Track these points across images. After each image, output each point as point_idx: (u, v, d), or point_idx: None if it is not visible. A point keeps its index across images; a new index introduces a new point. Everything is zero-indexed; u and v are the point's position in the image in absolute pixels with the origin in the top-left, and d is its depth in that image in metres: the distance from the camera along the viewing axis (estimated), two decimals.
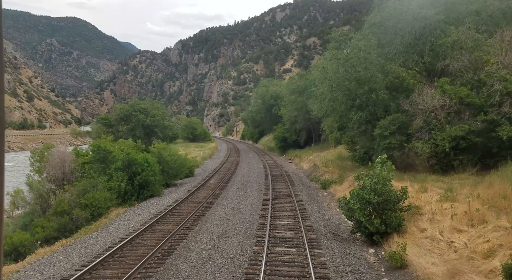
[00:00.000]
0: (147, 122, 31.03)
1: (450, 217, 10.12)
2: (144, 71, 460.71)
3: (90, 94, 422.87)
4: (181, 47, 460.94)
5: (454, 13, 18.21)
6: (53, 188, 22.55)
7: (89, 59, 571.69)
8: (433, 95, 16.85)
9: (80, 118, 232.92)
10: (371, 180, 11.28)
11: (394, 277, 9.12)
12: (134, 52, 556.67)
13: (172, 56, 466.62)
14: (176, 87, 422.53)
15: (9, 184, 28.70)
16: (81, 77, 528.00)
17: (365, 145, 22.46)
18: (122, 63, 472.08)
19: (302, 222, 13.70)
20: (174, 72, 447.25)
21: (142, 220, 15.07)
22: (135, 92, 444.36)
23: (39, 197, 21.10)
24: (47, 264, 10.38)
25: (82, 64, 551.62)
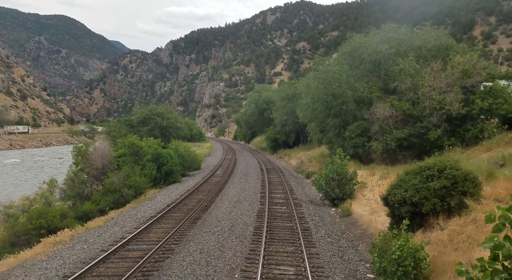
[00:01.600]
0: (163, 124, 37.34)
1: (379, 187, 16.71)
2: (135, 71, 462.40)
3: (80, 93, 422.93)
4: (172, 48, 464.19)
5: (402, 47, 24.98)
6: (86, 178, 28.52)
7: (78, 58, 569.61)
8: (385, 108, 23.54)
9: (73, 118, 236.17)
10: (333, 165, 17.83)
11: (343, 219, 15.65)
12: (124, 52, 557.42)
13: (163, 57, 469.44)
14: (167, 87, 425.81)
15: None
16: (70, 76, 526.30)
17: (340, 144, 29.06)
18: (112, 63, 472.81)
19: (290, 195, 20.18)
20: (165, 73, 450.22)
21: (177, 195, 21.33)
22: (125, 92, 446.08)
23: (81, 183, 27.23)
24: (131, 215, 16.60)
25: (71, 62, 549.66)
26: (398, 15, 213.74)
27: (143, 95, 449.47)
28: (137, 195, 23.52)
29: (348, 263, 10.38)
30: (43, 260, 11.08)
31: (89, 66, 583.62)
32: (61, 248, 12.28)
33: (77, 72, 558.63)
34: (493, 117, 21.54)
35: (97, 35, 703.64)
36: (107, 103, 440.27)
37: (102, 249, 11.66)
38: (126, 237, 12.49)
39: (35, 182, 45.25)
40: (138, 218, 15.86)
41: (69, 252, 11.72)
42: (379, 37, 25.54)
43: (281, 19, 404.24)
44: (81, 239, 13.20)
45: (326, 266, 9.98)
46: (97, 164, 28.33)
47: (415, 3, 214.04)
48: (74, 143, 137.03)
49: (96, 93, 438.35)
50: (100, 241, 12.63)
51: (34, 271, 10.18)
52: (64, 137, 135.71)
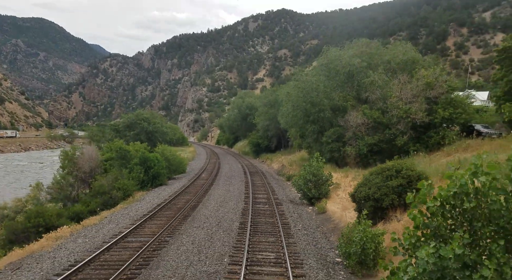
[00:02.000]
0: (150, 129, 38.57)
1: (351, 187, 18.64)
2: (115, 75, 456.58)
3: (58, 97, 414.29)
4: (153, 52, 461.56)
5: (373, 61, 27.30)
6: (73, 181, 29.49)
7: (57, 61, 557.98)
8: (358, 116, 25.68)
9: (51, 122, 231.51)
10: (310, 168, 19.69)
11: (319, 216, 17.47)
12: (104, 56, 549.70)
13: (144, 61, 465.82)
14: (149, 91, 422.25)
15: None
16: (48, 79, 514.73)
17: (318, 148, 31.06)
18: (92, 66, 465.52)
19: (272, 195, 21.89)
20: (146, 77, 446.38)
21: (166, 196, 22.70)
22: (105, 96, 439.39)
23: (69, 186, 28.24)
24: (123, 214, 17.91)
25: (49, 66, 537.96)
26: (375, 25, 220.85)
27: (124, 99, 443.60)
28: (126, 197, 24.69)
29: (320, 250, 12.14)
30: (50, 251, 12.37)
31: (68, 70, 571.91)
32: (64, 241, 13.56)
33: (56, 75, 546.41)
34: (454, 126, 23.97)
35: (76, 39, 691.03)
36: (86, 108, 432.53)
37: (104, 241, 13.03)
38: (124, 232, 13.89)
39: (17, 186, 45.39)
40: (131, 216, 17.22)
41: (72, 244, 13.03)
42: (352, 51, 27.80)
43: (262, 27, 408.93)
44: (81, 234, 14.48)
45: (301, 252, 11.71)
46: (84, 168, 29.31)
47: (391, 14, 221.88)
48: (54, 147, 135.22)
49: (75, 97, 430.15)
50: (100, 236, 13.97)
51: (44, 259, 11.48)
52: (43, 142, 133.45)
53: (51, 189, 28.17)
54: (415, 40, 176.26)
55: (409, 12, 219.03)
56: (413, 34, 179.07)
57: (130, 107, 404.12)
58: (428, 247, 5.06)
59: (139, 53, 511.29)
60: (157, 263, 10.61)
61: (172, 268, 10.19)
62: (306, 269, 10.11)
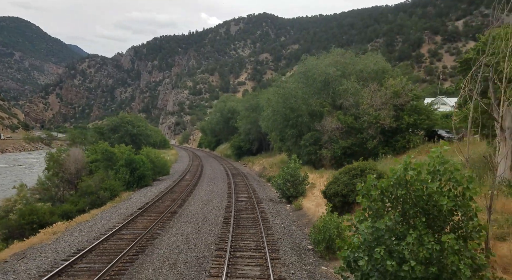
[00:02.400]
0: (134, 131, 39.53)
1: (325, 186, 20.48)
2: (94, 76, 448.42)
3: (34, 98, 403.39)
4: (133, 54, 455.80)
5: (347, 70, 29.44)
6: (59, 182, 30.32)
7: (33, 62, 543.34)
8: (333, 121, 27.70)
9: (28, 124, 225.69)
10: (288, 169, 21.45)
11: (295, 212, 19.21)
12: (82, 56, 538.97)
13: (124, 62, 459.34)
14: (128, 93, 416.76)
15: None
16: (24, 80, 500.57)
17: (296, 151, 32.93)
18: (70, 67, 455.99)
19: (253, 195, 23.51)
20: (126, 79, 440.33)
21: (153, 195, 23.96)
22: (83, 97, 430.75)
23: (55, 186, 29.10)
24: (113, 211, 19.13)
25: (24, 66, 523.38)
26: (353, 31, 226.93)
27: (102, 101, 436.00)
28: (113, 197, 25.74)
29: (295, 239, 13.85)
30: (50, 243, 13.56)
31: (45, 71, 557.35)
32: (61, 235, 14.74)
33: (32, 76, 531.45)
34: (419, 131, 26.30)
35: (54, 39, 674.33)
36: (63, 109, 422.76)
37: (101, 233, 14.32)
38: (118, 226, 15.20)
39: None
40: (121, 213, 18.47)
41: (70, 237, 14.25)
42: (328, 60, 29.90)
43: (244, 30, 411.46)
44: (76, 229, 15.68)
45: (278, 241, 13.38)
46: (71, 169, 30.14)
47: (369, 21, 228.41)
48: (31, 149, 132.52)
49: (52, 99, 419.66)
50: (95, 230, 15.22)
51: (46, 250, 12.69)
52: (20, 144, 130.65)
53: (35, 190, 28.94)
54: (391, 47, 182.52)
55: (386, 19, 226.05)
56: (390, 41, 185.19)
57: (109, 109, 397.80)
58: (367, 221, 6.84)
59: (118, 54, 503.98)
60: (152, 251, 12.04)
61: (165, 254, 11.65)
62: (281, 254, 11.78)
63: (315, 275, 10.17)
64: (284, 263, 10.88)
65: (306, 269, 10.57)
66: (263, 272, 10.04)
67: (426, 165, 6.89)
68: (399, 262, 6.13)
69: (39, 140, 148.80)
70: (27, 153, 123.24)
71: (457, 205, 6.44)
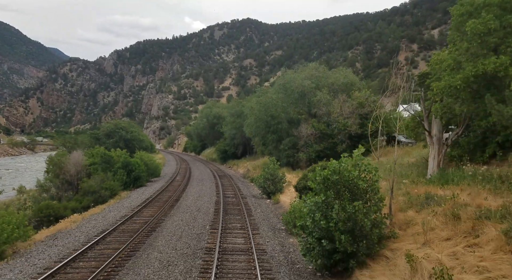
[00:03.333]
0: (128, 137, 42.61)
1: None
2: (75, 80, 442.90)
3: (14, 102, 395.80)
4: (116, 57, 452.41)
5: (320, 83, 33.53)
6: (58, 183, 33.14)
7: (12, 65, 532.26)
8: (308, 128, 31.65)
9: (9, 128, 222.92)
10: (268, 169, 25.20)
11: (274, 205, 22.93)
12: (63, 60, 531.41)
13: (106, 66, 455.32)
14: (111, 97, 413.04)
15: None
16: (2, 83, 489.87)
17: (277, 155, 36.75)
18: (51, 71, 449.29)
19: (238, 192, 27.12)
20: (108, 83, 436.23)
21: (150, 193, 27.26)
22: (64, 101, 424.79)
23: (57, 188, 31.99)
24: (119, 206, 22.40)
25: (3, 69, 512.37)
26: (335, 38, 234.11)
27: (85, 105, 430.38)
28: (113, 196, 28.87)
29: (271, 223, 17.54)
30: (74, 229, 16.81)
31: (24, 74, 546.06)
32: (80, 223, 17.97)
33: (11, 80, 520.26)
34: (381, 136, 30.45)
35: (33, 42, 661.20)
36: (44, 113, 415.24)
37: (116, 220, 17.66)
38: (128, 215, 18.55)
39: None
40: (127, 207, 21.79)
41: (89, 224, 17.52)
42: (304, 74, 33.95)
43: (228, 35, 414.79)
44: (91, 219, 18.92)
45: (258, 223, 17.04)
46: (71, 171, 33.04)
47: (349, 29, 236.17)
48: (15, 154, 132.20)
49: (32, 103, 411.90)
50: (109, 218, 18.52)
51: (74, 232, 15.96)
52: (4, 148, 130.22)
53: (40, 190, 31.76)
54: (370, 54, 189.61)
55: (366, 27, 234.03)
56: (369, 49, 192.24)
57: (91, 114, 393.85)
58: (310, 197, 10.62)
59: (100, 58, 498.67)
60: (161, 230, 15.51)
61: (172, 231, 15.15)
62: (260, 231, 15.45)
63: (284, 243, 13.88)
64: (262, 236, 14.57)
65: (278, 240, 14.28)
66: (246, 241, 13.68)
67: (351, 160, 10.73)
68: (329, 221, 9.89)
69: (23, 145, 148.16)
70: (11, 158, 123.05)
71: (368, 185, 10.30)
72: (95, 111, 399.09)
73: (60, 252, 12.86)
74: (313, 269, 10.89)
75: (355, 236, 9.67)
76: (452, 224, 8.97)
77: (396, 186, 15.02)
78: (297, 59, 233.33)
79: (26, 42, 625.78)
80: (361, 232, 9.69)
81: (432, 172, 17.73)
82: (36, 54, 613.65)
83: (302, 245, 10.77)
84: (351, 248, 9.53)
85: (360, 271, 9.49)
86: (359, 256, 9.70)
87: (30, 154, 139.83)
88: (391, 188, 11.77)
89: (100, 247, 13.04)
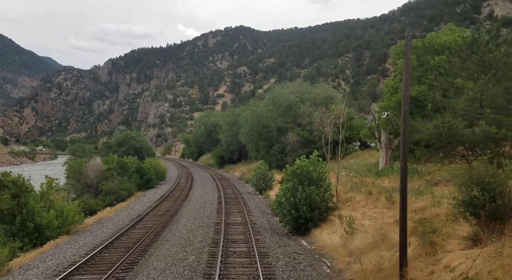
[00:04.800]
0: (137, 145, 48.21)
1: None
2: (70, 89, 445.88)
3: (8, 112, 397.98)
4: (111, 66, 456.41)
5: (304, 97, 39.43)
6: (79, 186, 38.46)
7: (5, 75, 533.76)
8: (294, 135, 37.46)
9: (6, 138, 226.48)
10: (259, 170, 30.94)
11: (265, 199, 28.61)
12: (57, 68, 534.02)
13: (101, 75, 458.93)
14: (106, 106, 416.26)
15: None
16: None
17: (268, 159, 42.46)
18: (45, 80, 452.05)
19: (236, 190, 32.78)
20: (103, 91, 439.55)
21: (161, 193, 32.78)
22: (59, 110, 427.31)
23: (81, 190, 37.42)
24: (140, 202, 27.92)
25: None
26: (326, 46, 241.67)
27: (80, 114, 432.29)
28: (130, 195, 34.34)
29: (261, 209, 23.22)
30: (113, 217, 22.27)
31: (18, 83, 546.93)
32: (115, 213, 23.44)
33: (4, 89, 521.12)
34: (355, 142, 36.38)
35: (27, 51, 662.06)
36: (39, 123, 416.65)
37: (143, 209, 23.20)
38: (152, 206, 24.11)
39: None
40: (148, 202, 27.33)
41: (123, 213, 23.00)
42: (290, 89, 39.87)
43: (222, 43, 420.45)
44: (123, 210, 24.39)
45: (252, 209, 22.72)
46: (90, 176, 38.49)
47: (339, 36, 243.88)
48: (17, 163, 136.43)
49: (27, 112, 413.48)
50: (138, 209, 24.02)
51: (114, 219, 21.43)
52: (6, 158, 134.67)
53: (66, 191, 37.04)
54: (359, 61, 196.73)
55: (356, 35, 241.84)
56: (358, 56, 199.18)
57: (86, 122, 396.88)
58: (285, 184, 16.39)
59: (95, 66, 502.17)
60: (180, 214, 21.12)
61: (189, 215, 20.77)
62: (253, 213, 21.15)
63: (270, 220, 19.57)
64: (254, 216, 20.26)
65: (265, 218, 19.99)
66: (243, 219, 19.37)
67: (308, 160, 16.51)
68: (295, 198, 15.61)
69: (23, 154, 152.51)
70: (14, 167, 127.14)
71: (319, 176, 16.08)
72: (90, 120, 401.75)
73: (114, 228, 18.42)
74: (286, 231, 16.62)
75: (311, 208, 15.40)
76: (367, 197, 14.71)
77: (349, 178, 20.87)
78: (290, 66, 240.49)
79: (19, 52, 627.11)
80: (315, 205, 15.43)
81: (381, 169, 23.54)
82: (30, 63, 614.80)
83: (279, 216, 16.49)
84: (309, 215, 15.25)
85: (315, 230, 15.21)
86: (314, 220, 15.44)
87: (31, 163, 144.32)
88: (337, 178, 17.59)
89: (143, 223, 18.66)
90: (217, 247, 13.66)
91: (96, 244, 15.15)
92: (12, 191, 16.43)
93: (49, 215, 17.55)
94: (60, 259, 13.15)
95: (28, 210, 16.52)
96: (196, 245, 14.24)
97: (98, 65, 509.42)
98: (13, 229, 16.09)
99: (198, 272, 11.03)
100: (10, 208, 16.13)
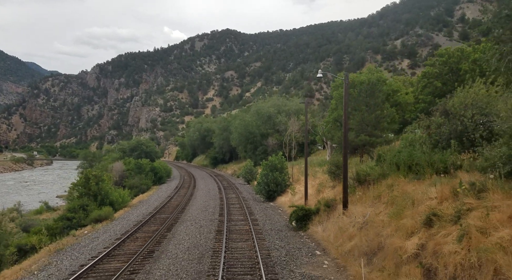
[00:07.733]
0: (147, 150, 58.75)
1: None
2: (58, 94, 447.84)
3: None
4: (98, 71, 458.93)
5: (281, 109, 50.46)
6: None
7: None
8: (273, 140, 48.51)
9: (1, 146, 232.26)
10: (247, 167, 41.92)
11: (251, 187, 39.56)
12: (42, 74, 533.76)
13: (89, 80, 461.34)
14: (95, 111, 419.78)
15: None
16: None
17: (254, 159, 53.35)
18: (32, 86, 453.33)
19: (230, 182, 43.62)
20: (92, 96, 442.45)
21: (173, 186, 43.33)
22: (48, 116, 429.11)
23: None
24: (157, 194, 38.51)
25: None
26: (309, 50, 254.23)
27: (69, 119, 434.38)
28: (148, 189, 44.80)
29: (249, 192, 34.12)
30: (148, 199, 32.75)
31: (3, 90, 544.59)
32: (149, 197, 33.88)
33: None
34: (317, 143, 47.58)
35: (11, 57, 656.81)
36: (28, 129, 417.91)
37: (163, 200, 33.79)
38: (174, 192, 34.71)
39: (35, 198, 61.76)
40: (167, 191, 37.92)
41: (155, 197, 33.48)
42: (270, 103, 51.00)
43: (209, 46, 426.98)
44: (153, 195, 34.86)
45: (243, 192, 33.60)
46: (115, 176, 48.80)
47: (322, 41, 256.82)
48: (18, 169, 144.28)
49: (15, 119, 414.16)
50: (163, 195, 34.52)
51: (151, 200, 31.95)
52: (8, 165, 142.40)
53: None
54: (340, 65, 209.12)
55: (337, 40, 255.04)
56: (339, 60, 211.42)
57: (76, 127, 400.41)
58: (262, 172, 27.49)
59: (83, 72, 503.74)
60: (191, 205, 31.65)
61: (198, 206, 31.43)
62: (243, 193, 32.07)
63: (253, 196, 30.50)
64: (243, 195, 31.18)
65: (251, 195, 30.93)
66: (236, 195, 30.27)
67: (277, 157, 27.63)
68: (268, 179, 26.59)
69: (23, 161, 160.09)
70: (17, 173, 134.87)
71: (281, 166, 27.19)
72: (80, 125, 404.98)
73: (156, 203, 29.08)
74: (262, 200, 27.59)
75: (276, 184, 26.34)
76: (310, 177, 25.79)
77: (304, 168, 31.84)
78: (275, 70, 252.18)
79: (4, 58, 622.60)
80: (279, 183, 26.39)
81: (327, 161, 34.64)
82: (14, 69, 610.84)
83: (258, 191, 27.50)
84: (275, 189, 26.26)
85: (279, 197, 26.21)
86: (278, 192, 26.43)
87: (30, 169, 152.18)
88: (292, 168, 28.66)
89: (173, 200, 29.43)
90: (223, 207, 24.55)
91: (151, 210, 25.81)
92: (95, 180, 26.96)
93: (114, 196, 28.15)
94: (137, 215, 23.80)
95: (105, 192, 27.10)
96: (211, 208, 25.13)
97: (86, 71, 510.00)
98: (96, 203, 26.64)
99: (215, 213, 21.97)
100: (95, 190, 26.68)
